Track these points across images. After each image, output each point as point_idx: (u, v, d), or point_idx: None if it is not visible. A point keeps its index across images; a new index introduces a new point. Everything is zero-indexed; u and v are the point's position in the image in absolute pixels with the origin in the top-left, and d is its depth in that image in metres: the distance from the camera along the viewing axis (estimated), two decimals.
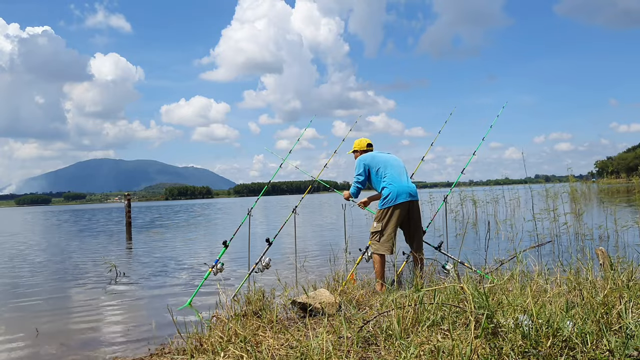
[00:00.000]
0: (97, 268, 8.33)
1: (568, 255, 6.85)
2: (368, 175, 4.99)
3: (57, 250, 12.27)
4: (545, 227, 9.29)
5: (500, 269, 4.50)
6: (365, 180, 5.01)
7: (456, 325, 2.57)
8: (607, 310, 2.58)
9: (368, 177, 5.00)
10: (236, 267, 7.57)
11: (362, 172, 4.98)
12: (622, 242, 8.11)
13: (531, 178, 13.36)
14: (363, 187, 5.06)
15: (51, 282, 7.15)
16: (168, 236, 15.25)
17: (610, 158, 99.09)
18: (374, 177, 4.94)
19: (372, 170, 4.95)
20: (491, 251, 7.25)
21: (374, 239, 4.81)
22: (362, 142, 5.27)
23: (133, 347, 3.84)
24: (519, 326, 2.29)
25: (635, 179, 11.35)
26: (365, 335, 2.71)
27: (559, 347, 2.23)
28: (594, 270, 3.87)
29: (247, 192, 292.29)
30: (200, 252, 10.37)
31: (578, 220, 9.10)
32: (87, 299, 5.90)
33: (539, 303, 2.59)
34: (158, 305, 5.35)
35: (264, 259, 5.30)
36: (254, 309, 3.76)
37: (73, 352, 3.84)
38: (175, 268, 8.01)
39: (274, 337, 2.85)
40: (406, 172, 5.03)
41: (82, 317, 4.97)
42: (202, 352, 2.81)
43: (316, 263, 7.79)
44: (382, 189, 4.82)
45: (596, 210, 14.13)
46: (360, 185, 5.02)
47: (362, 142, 5.28)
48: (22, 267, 9.00)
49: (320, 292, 3.83)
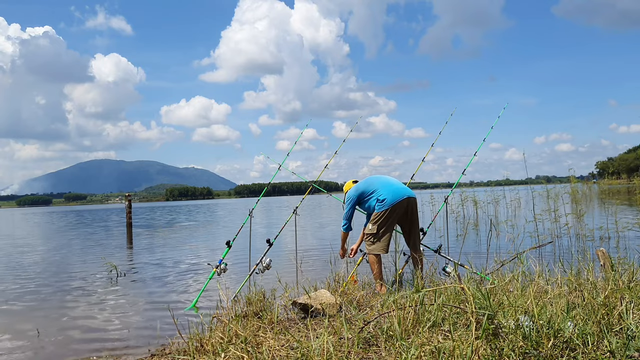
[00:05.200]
0: (97, 269, 8.33)
1: (569, 256, 6.84)
2: (359, 203, 5.02)
3: (57, 250, 12.28)
4: (546, 227, 9.28)
5: (501, 270, 4.50)
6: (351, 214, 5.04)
7: (457, 326, 2.57)
8: (608, 311, 2.58)
9: (360, 205, 5.04)
10: (237, 267, 7.57)
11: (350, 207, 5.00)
12: (623, 243, 8.11)
13: (532, 179, 13.36)
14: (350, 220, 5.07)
15: (52, 283, 7.15)
16: (169, 237, 15.25)
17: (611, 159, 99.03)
18: (366, 198, 4.95)
19: (362, 196, 4.97)
20: (492, 252, 7.24)
21: (369, 240, 4.81)
22: (349, 184, 5.30)
23: (133, 348, 3.84)
24: (520, 327, 2.29)
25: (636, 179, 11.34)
26: (366, 336, 2.71)
27: (560, 348, 2.22)
28: (594, 271, 3.88)
29: (248, 192, 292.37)
30: (200, 252, 10.37)
31: (579, 221, 9.09)
32: (88, 299, 5.90)
33: (539, 304, 2.58)
34: (158, 305, 5.35)
35: (264, 260, 5.30)
36: (255, 309, 3.76)
37: (73, 353, 3.84)
38: (176, 268, 8.01)
39: (275, 337, 2.85)
40: (398, 181, 5.10)
41: (83, 318, 4.97)
42: (202, 353, 2.81)
43: (317, 264, 7.79)
44: (377, 200, 4.82)
45: (597, 211, 14.13)
46: (348, 221, 5.05)
47: (349, 184, 5.30)
48: (23, 268, 9.00)
49: (320, 292, 3.83)
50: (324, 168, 6.56)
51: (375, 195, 4.85)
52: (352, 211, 5.05)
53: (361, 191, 4.97)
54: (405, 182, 5.55)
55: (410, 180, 6.05)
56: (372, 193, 4.89)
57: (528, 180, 11.21)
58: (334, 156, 6.50)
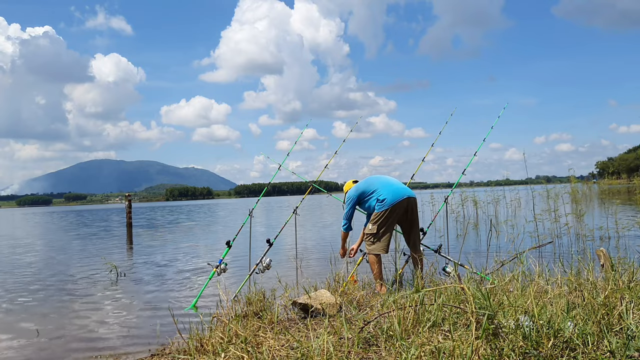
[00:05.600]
0: (97, 269, 8.33)
1: (569, 256, 6.84)
2: (360, 203, 5.02)
3: (57, 250, 12.28)
4: (546, 227, 9.28)
5: (501, 270, 4.50)
6: (351, 214, 5.03)
7: (457, 326, 2.57)
8: (608, 311, 2.58)
9: (360, 204, 5.04)
10: (237, 267, 7.57)
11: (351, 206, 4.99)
12: (623, 243, 8.10)
13: (532, 179, 13.36)
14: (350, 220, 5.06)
15: (52, 283, 7.15)
16: (169, 237, 15.25)
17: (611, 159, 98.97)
18: (366, 200, 4.95)
19: (362, 197, 4.97)
20: (492, 252, 7.24)
21: (369, 240, 4.81)
22: (349, 184, 5.29)
23: (134, 348, 3.84)
24: (520, 327, 2.29)
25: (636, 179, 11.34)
26: (366, 336, 2.71)
27: (560, 348, 2.23)
28: (594, 271, 3.88)
29: (248, 192, 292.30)
30: (201, 252, 10.37)
31: (579, 221, 9.09)
32: (88, 299, 5.90)
33: (539, 304, 2.58)
34: (159, 305, 5.35)
35: (264, 260, 5.30)
36: (255, 309, 3.76)
37: (74, 353, 3.84)
38: (176, 268, 8.02)
39: (275, 337, 2.85)
40: (398, 181, 5.09)
41: (83, 318, 4.97)
42: (203, 353, 2.81)
43: (317, 264, 7.79)
44: (377, 200, 4.82)
45: (597, 211, 14.13)
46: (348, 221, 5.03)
47: (349, 184, 5.29)
48: (23, 268, 9.00)
49: (320, 292, 3.83)
50: (324, 168, 6.56)
51: (376, 195, 4.85)
52: (352, 211, 5.05)
53: (361, 191, 4.97)
54: (405, 182, 5.55)
55: (410, 180, 6.05)
56: (372, 193, 4.89)
57: (528, 180, 11.21)
58: (334, 156, 6.50)
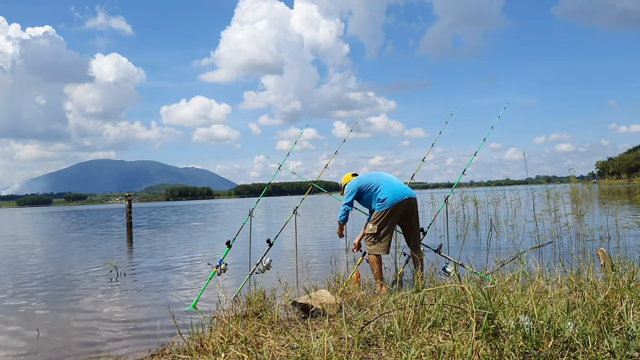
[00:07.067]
0: (97, 269, 8.33)
1: (569, 256, 6.84)
2: (359, 196, 5.00)
3: (57, 250, 12.28)
4: (546, 227, 9.28)
5: (501, 270, 4.50)
6: (350, 205, 5.00)
7: (457, 326, 2.57)
8: (609, 311, 2.58)
9: (359, 198, 5.03)
10: (237, 267, 7.57)
11: (352, 196, 4.96)
12: (623, 243, 8.10)
13: (532, 179, 13.36)
14: (351, 209, 5.04)
15: (52, 283, 7.15)
16: (169, 237, 15.25)
17: (611, 159, 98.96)
18: (366, 193, 4.94)
19: (363, 189, 4.96)
20: (492, 252, 7.24)
21: (369, 240, 4.81)
22: (348, 176, 5.28)
23: (134, 348, 3.84)
24: (520, 327, 2.29)
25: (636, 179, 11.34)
26: (366, 336, 2.71)
27: (560, 348, 2.22)
28: (595, 271, 3.87)
29: (248, 192, 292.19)
30: (201, 252, 10.37)
31: (579, 221, 9.09)
32: (88, 299, 5.90)
33: (540, 304, 2.58)
34: (159, 305, 5.35)
35: (264, 260, 5.30)
36: (255, 309, 3.76)
37: (74, 353, 3.84)
38: (176, 268, 8.02)
39: (275, 337, 2.85)
40: (400, 181, 5.08)
41: (83, 318, 4.97)
42: (203, 353, 2.81)
43: (317, 264, 7.79)
44: (377, 199, 4.81)
45: (597, 211, 14.12)
46: (349, 207, 4.99)
47: (348, 176, 5.29)
48: (23, 268, 9.00)
49: (320, 292, 3.83)
50: (324, 168, 6.56)
51: (376, 191, 4.85)
52: (352, 202, 5.03)
53: (363, 183, 4.96)
54: (405, 182, 5.55)
55: (410, 180, 6.05)
56: (373, 188, 4.89)
57: (528, 180, 11.21)
58: (334, 156, 6.50)
